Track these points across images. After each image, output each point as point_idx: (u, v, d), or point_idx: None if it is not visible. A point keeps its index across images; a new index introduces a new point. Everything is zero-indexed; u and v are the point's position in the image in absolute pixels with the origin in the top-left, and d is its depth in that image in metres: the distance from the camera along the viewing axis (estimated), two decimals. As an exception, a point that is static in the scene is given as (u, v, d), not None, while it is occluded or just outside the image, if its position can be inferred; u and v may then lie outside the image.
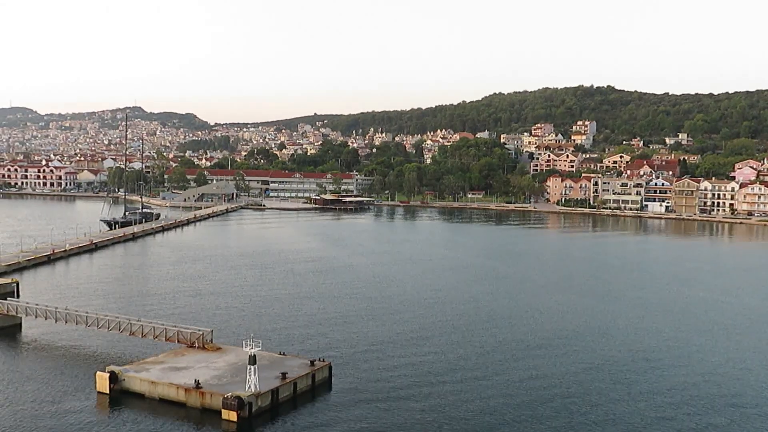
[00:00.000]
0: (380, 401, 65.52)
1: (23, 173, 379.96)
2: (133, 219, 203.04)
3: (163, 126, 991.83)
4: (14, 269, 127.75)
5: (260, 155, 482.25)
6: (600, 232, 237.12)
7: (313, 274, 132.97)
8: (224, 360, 71.16)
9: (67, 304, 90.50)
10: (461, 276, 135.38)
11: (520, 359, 79.90)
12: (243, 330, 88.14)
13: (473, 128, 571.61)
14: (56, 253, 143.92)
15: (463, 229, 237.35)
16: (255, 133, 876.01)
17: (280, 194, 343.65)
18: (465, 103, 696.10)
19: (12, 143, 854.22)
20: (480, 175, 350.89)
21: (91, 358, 76.51)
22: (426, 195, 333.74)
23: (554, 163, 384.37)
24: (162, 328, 76.48)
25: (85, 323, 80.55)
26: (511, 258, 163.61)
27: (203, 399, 62.11)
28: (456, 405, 65.16)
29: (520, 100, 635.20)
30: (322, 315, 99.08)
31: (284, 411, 63.53)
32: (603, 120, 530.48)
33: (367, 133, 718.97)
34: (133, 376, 65.86)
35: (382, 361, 77.54)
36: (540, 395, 68.20)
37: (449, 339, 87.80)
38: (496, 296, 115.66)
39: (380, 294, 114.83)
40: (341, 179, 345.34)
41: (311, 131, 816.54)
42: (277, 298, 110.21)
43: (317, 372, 69.46)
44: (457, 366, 76.76)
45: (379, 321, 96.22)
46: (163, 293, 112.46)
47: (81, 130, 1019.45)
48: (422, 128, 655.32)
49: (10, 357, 78.04)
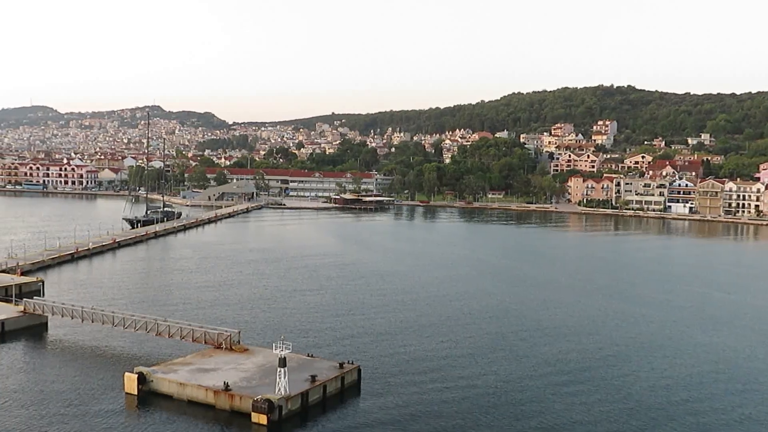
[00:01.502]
0: (410, 406, 64.38)
1: (45, 171, 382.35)
2: (154, 218, 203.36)
3: (181, 125, 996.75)
4: (38, 268, 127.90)
5: (279, 154, 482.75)
6: (623, 233, 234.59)
7: (336, 274, 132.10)
8: (252, 361, 70.34)
9: (91, 303, 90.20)
10: (486, 278, 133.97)
11: (551, 364, 78.44)
12: (269, 331, 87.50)
13: (492, 128, 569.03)
14: (80, 252, 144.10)
15: (484, 229, 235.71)
16: (273, 132, 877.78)
17: (299, 193, 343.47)
18: (484, 103, 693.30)
19: (33, 142, 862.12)
20: (500, 175, 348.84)
21: (118, 358, 75.98)
22: (447, 195, 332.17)
23: (575, 164, 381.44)
24: (189, 329, 75.81)
25: (112, 323, 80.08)
26: (535, 259, 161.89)
27: (232, 401, 61.32)
28: (487, 411, 63.92)
29: (540, 100, 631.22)
30: (348, 316, 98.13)
31: (314, 414, 62.63)
32: (623, 120, 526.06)
33: (385, 132, 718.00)
34: (161, 377, 65.20)
35: (411, 365, 76.41)
36: (573, 401, 66.78)
37: (478, 342, 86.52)
38: (522, 299, 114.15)
39: (405, 295, 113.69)
40: (361, 179, 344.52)
41: (329, 130, 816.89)
42: (302, 298, 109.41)
43: (346, 375, 68.47)
44: (488, 370, 75.47)
45: (406, 323, 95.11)
46: (187, 293, 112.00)
47: (101, 128, 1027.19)
48: (441, 128, 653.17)
49: (37, 357, 77.73)
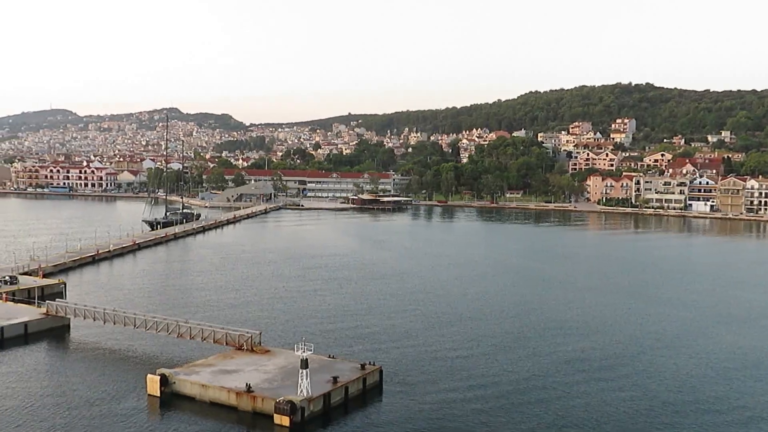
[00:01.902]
0: (432, 407, 63.95)
1: (65, 174, 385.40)
2: (174, 219, 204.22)
3: (199, 127, 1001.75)
4: (60, 270, 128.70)
5: (296, 155, 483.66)
6: (643, 232, 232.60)
7: (355, 275, 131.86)
8: (274, 363, 70.20)
9: (112, 305, 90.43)
10: (506, 278, 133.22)
11: (574, 364, 77.72)
12: (289, 332, 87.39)
13: (509, 127, 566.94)
14: (100, 254, 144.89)
15: (502, 229, 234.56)
16: (290, 133, 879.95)
17: (317, 194, 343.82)
18: (500, 102, 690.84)
19: (53, 145, 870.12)
20: (518, 175, 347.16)
21: (140, 360, 76.15)
22: (464, 195, 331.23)
23: (593, 162, 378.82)
24: (210, 330, 75.83)
25: (133, 325, 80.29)
26: (555, 259, 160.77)
27: (255, 403, 61.20)
28: (510, 411, 63.38)
29: (557, 99, 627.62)
30: (368, 317, 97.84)
31: (336, 416, 62.37)
32: (642, 118, 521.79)
33: (401, 132, 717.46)
34: (183, 379, 65.21)
35: (433, 365, 75.95)
36: (598, 401, 66.03)
37: (500, 342, 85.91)
38: (544, 299, 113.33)
39: (426, 296, 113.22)
40: (378, 179, 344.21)
41: (346, 131, 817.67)
42: (322, 299, 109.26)
43: (368, 376, 68.16)
44: (510, 370, 74.90)
45: (427, 324, 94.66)
46: (207, 294, 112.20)
47: (119, 131, 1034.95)
48: (457, 127, 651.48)
49: (60, 358, 78.11)
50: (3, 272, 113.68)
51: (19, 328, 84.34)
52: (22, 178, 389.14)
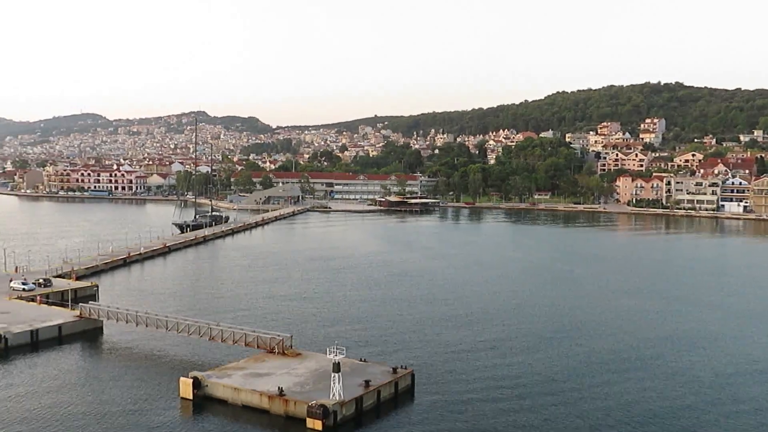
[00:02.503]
0: (465, 412, 63.37)
1: (96, 177, 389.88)
2: (203, 222, 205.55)
3: (226, 130, 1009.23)
4: (92, 272, 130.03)
5: (323, 157, 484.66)
6: (675, 234, 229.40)
7: (385, 277, 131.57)
8: (305, 366, 70.10)
9: (144, 308, 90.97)
10: (536, 279, 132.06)
11: (610, 369, 76.61)
12: (320, 335, 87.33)
13: (536, 128, 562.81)
14: (132, 257, 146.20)
15: (531, 230, 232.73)
16: (316, 136, 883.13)
17: (344, 196, 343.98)
18: (527, 102, 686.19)
19: (83, 148, 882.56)
20: (546, 176, 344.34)
21: (173, 363, 76.48)
22: (492, 196, 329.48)
23: (622, 163, 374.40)
24: (241, 333, 75.97)
25: (165, 327, 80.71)
26: (585, 260, 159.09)
27: (287, 406, 61.12)
28: (543, 414, 62.63)
29: (585, 99, 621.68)
30: (398, 320, 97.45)
31: (368, 420, 62.11)
32: (672, 117, 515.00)
33: (428, 134, 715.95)
34: (215, 382, 65.34)
35: (465, 370, 75.30)
36: (632, 402, 64.99)
37: (533, 347, 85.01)
38: (576, 301, 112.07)
39: (456, 298, 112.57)
40: (405, 181, 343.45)
41: (372, 133, 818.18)
42: (351, 302, 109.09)
43: (400, 380, 67.82)
44: (543, 373, 74.07)
45: (458, 327, 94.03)
46: (237, 297, 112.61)
47: (148, 134, 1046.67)
48: (484, 128, 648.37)
49: (93, 361, 78.79)
50: (37, 275, 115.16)
51: (54, 331, 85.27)
52: (53, 181, 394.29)
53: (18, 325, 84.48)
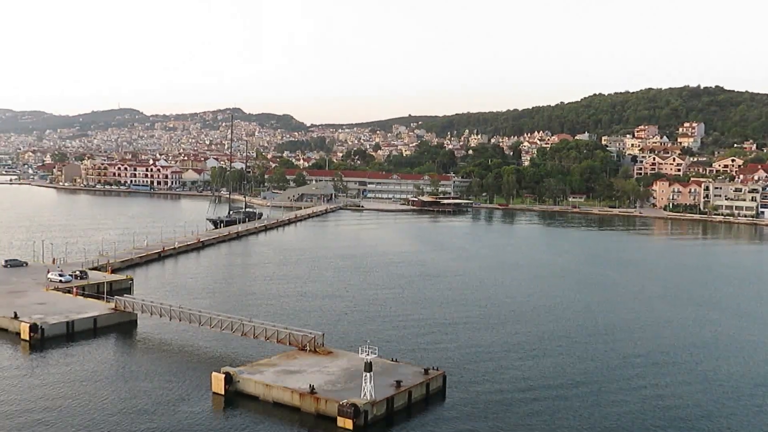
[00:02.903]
0: (497, 416, 62.61)
1: (132, 172, 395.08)
2: (237, 218, 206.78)
3: (261, 127, 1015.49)
4: (127, 266, 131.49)
5: (357, 156, 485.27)
6: (712, 240, 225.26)
7: (417, 277, 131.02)
8: (337, 365, 69.90)
9: (177, 302, 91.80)
10: (570, 283, 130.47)
11: (644, 376, 75.19)
12: (351, 334, 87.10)
13: (572, 130, 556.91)
14: (166, 251, 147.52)
15: (565, 233, 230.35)
16: (350, 134, 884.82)
17: (377, 195, 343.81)
18: (563, 104, 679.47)
19: (120, 143, 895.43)
20: (581, 178, 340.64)
21: (205, 357, 76.85)
22: (526, 198, 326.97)
23: (659, 167, 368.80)
24: (274, 330, 76.01)
25: (198, 322, 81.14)
26: (620, 265, 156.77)
27: (318, 405, 60.95)
28: (576, 420, 61.61)
29: (622, 101, 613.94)
30: (430, 320, 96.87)
31: (399, 420, 61.69)
32: (711, 122, 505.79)
33: (461, 134, 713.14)
34: (247, 378, 65.43)
35: (497, 372, 74.54)
36: (668, 416, 63.65)
37: (567, 350, 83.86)
38: (611, 306, 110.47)
39: (489, 300, 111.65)
40: (438, 181, 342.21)
41: (405, 132, 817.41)
42: (383, 301, 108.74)
43: (431, 381, 67.27)
44: (577, 381, 72.84)
45: (491, 328, 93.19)
46: (269, 293, 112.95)
47: (184, 130, 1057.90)
48: (519, 130, 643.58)
49: (127, 353, 79.47)
50: (74, 267, 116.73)
51: (89, 322, 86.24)
52: (91, 175, 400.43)
53: (54, 316, 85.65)
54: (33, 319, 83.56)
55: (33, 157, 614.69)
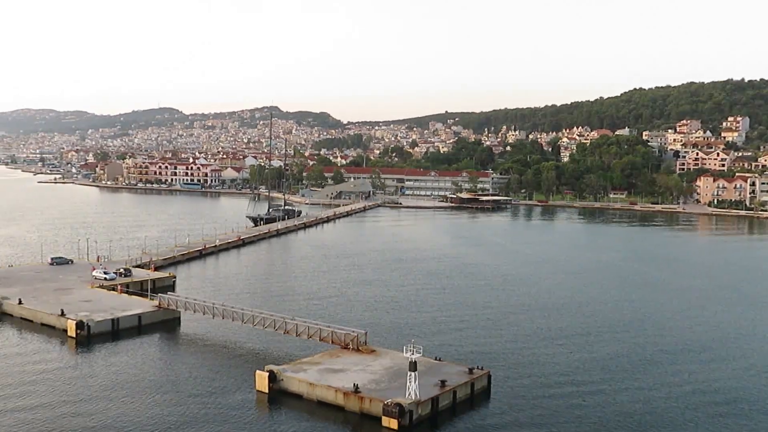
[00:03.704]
0: (542, 417, 61.54)
1: (172, 170, 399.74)
2: (276, 216, 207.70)
3: (298, 125, 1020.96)
4: (170, 263, 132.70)
5: (394, 153, 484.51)
6: (759, 236, 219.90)
7: (457, 275, 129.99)
8: (380, 363, 69.42)
9: (219, 299, 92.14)
10: (614, 280, 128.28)
11: (698, 381, 73.18)
12: (393, 332, 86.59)
13: (612, 125, 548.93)
14: (207, 248, 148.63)
15: (606, 230, 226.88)
16: (386, 131, 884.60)
17: (415, 192, 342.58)
18: (602, 99, 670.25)
19: (160, 141, 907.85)
20: (622, 174, 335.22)
21: (248, 355, 76.99)
22: (566, 194, 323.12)
23: (703, 162, 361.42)
24: (316, 328, 75.84)
25: (241, 320, 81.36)
26: (665, 262, 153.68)
27: (362, 404, 60.53)
28: (627, 422, 60.20)
29: (663, 96, 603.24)
30: (473, 319, 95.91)
31: (443, 420, 61.03)
32: (757, 116, 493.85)
33: (499, 130, 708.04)
34: (291, 376, 65.29)
35: (543, 373, 73.26)
36: (719, 411, 61.90)
37: (614, 351, 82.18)
38: (657, 304, 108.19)
39: (531, 298, 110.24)
40: (477, 178, 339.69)
41: (443, 129, 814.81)
42: (424, 299, 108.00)
43: (476, 380, 66.42)
44: (626, 380, 71.36)
45: (535, 327, 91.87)
46: (309, 291, 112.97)
47: (222, 129, 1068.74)
48: (557, 125, 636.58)
49: (171, 351, 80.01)
50: (117, 265, 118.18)
51: (133, 320, 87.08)
52: (132, 173, 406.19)
53: (100, 314, 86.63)
54: (79, 316, 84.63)
55: (76, 156, 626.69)
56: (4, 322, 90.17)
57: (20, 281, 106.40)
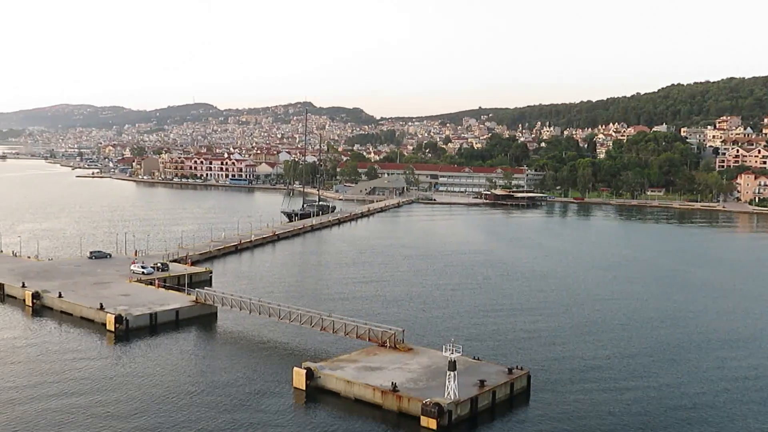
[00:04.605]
0: (583, 418, 60.36)
1: (208, 165, 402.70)
2: (311, 211, 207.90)
3: (331, 120, 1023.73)
4: (206, 258, 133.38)
5: (427, 149, 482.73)
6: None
7: (493, 273, 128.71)
8: (417, 362, 68.71)
9: (254, 295, 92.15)
10: (655, 280, 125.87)
11: (742, 380, 71.35)
12: (430, 330, 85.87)
13: (649, 121, 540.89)
14: (243, 244, 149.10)
15: (643, 228, 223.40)
16: (420, 127, 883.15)
17: (449, 188, 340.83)
18: (639, 95, 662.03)
19: (195, 137, 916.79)
20: (660, 172, 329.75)
21: (284, 351, 76.81)
22: (602, 191, 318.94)
23: (743, 159, 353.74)
24: (353, 325, 75.33)
25: (278, 316, 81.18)
26: (707, 262, 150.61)
27: (400, 403, 59.88)
28: (670, 427, 58.74)
29: (702, 91, 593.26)
30: (510, 317, 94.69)
31: (482, 421, 60.21)
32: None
33: (533, 126, 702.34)
34: (328, 374, 64.88)
35: (582, 373, 72.05)
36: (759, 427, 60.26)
37: (657, 352, 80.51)
38: (702, 306, 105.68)
39: (569, 298, 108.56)
40: (511, 174, 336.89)
41: (476, 125, 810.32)
42: (460, 297, 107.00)
43: (515, 381, 65.39)
44: (669, 384, 69.66)
45: (574, 327, 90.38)
46: (344, 287, 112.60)
47: (256, 124, 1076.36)
48: (593, 121, 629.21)
49: (209, 346, 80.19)
50: (155, 259, 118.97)
51: (171, 315, 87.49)
52: (168, 168, 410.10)
53: (138, 308, 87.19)
54: (118, 310, 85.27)
55: (113, 151, 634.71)
56: (45, 315, 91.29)
57: (60, 274, 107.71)
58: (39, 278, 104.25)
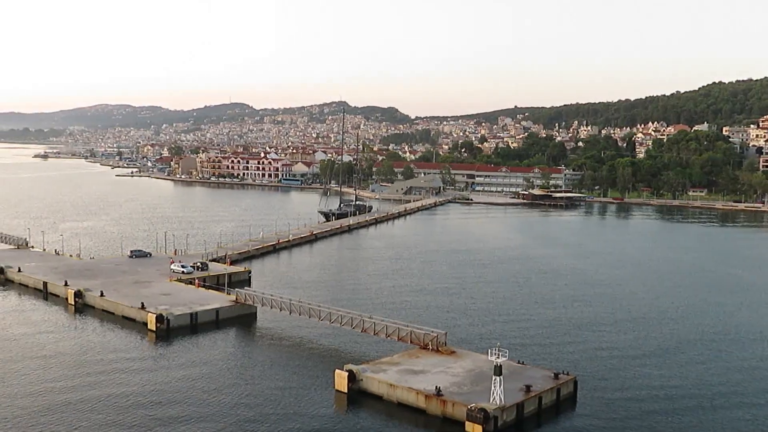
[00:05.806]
0: (631, 427, 58.53)
1: (244, 165, 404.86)
2: (348, 211, 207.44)
3: (366, 120, 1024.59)
4: (245, 257, 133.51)
5: (463, 148, 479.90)
6: None
7: (534, 274, 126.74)
8: (461, 366, 67.44)
9: (294, 295, 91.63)
10: (700, 283, 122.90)
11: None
12: (472, 333, 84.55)
13: (689, 120, 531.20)
14: (281, 243, 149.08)
15: (686, 229, 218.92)
16: (455, 126, 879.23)
17: (485, 188, 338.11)
18: (679, 94, 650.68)
19: (231, 136, 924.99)
20: (701, 171, 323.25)
21: (325, 353, 76.06)
22: (642, 192, 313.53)
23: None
24: (395, 327, 74.28)
25: (318, 317, 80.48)
26: (753, 264, 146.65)
27: (445, 408, 58.71)
28: (712, 427, 56.94)
29: (744, 90, 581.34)
30: (554, 321, 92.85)
31: (529, 427, 58.83)
32: None
33: (570, 125, 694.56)
34: (371, 376, 63.95)
35: (631, 379, 70.03)
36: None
37: (708, 357, 78.19)
38: (752, 309, 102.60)
39: (614, 300, 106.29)
40: (549, 174, 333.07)
41: (512, 124, 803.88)
42: (501, 299, 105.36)
43: (562, 386, 63.76)
44: (723, 392, 67.33)
45: (620, 331, 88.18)
46: (383, 288, 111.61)
47: (291, 124, 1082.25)
48: (631, 120, 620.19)
49: (249, 346, 79.83)
50: (194, 258, 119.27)
51: (211, 314, 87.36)
52: (206, 167, 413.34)
53: (179, 308, 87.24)
54: (159, 309, 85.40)
55: (152, 150, 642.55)
56: (87, 313, 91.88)
57: (101, 273, 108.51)
58: (81, 277, 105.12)
